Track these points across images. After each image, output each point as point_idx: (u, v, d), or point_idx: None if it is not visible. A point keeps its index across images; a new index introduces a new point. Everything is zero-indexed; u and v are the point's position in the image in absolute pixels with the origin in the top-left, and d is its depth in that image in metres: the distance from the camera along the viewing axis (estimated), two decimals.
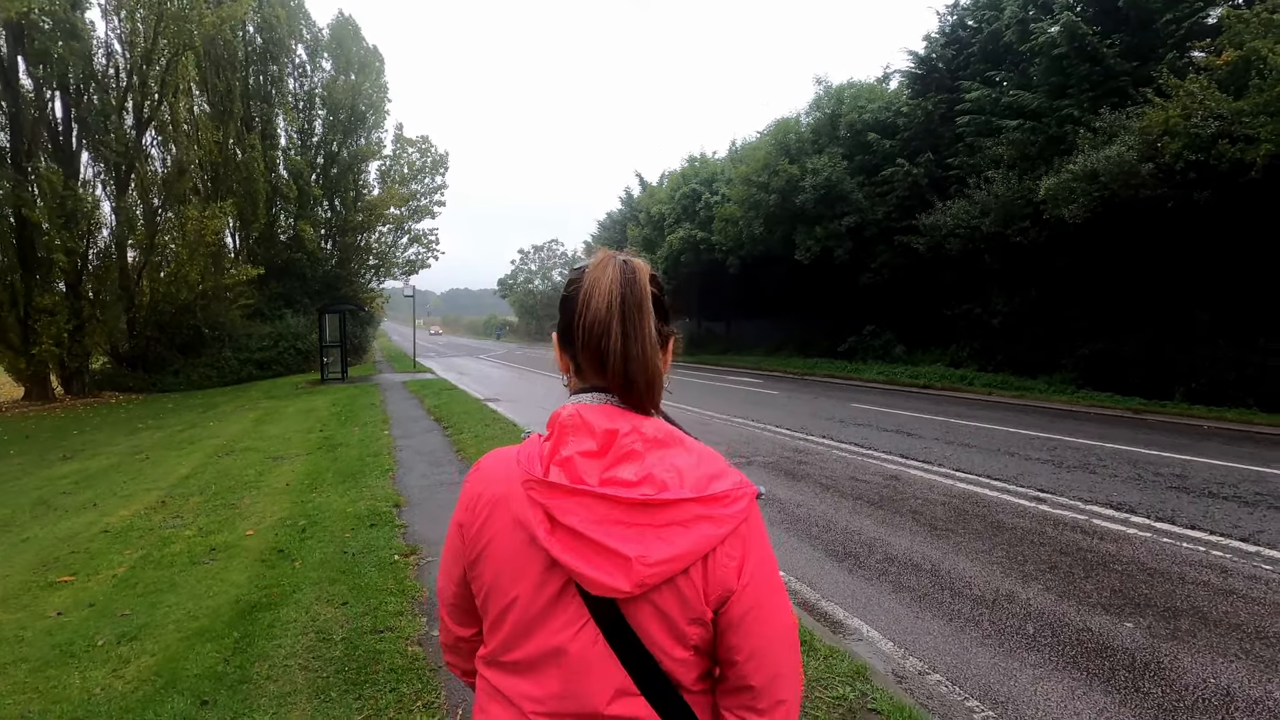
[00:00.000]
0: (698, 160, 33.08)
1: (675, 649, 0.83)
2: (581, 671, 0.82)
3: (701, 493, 0.83)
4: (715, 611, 0.84)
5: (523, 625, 0.85)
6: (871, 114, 20.39)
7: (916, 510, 5.72)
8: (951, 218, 16.32)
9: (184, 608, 3.88)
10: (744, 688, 0.86)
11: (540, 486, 0.83)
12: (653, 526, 0.80)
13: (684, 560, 0.80)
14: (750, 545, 0.85)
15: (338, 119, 32.02)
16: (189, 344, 24.15)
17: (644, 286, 0.89)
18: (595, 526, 0.80)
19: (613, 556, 0.79)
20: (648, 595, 0.80)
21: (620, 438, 0.84)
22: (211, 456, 9.04)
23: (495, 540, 0.88)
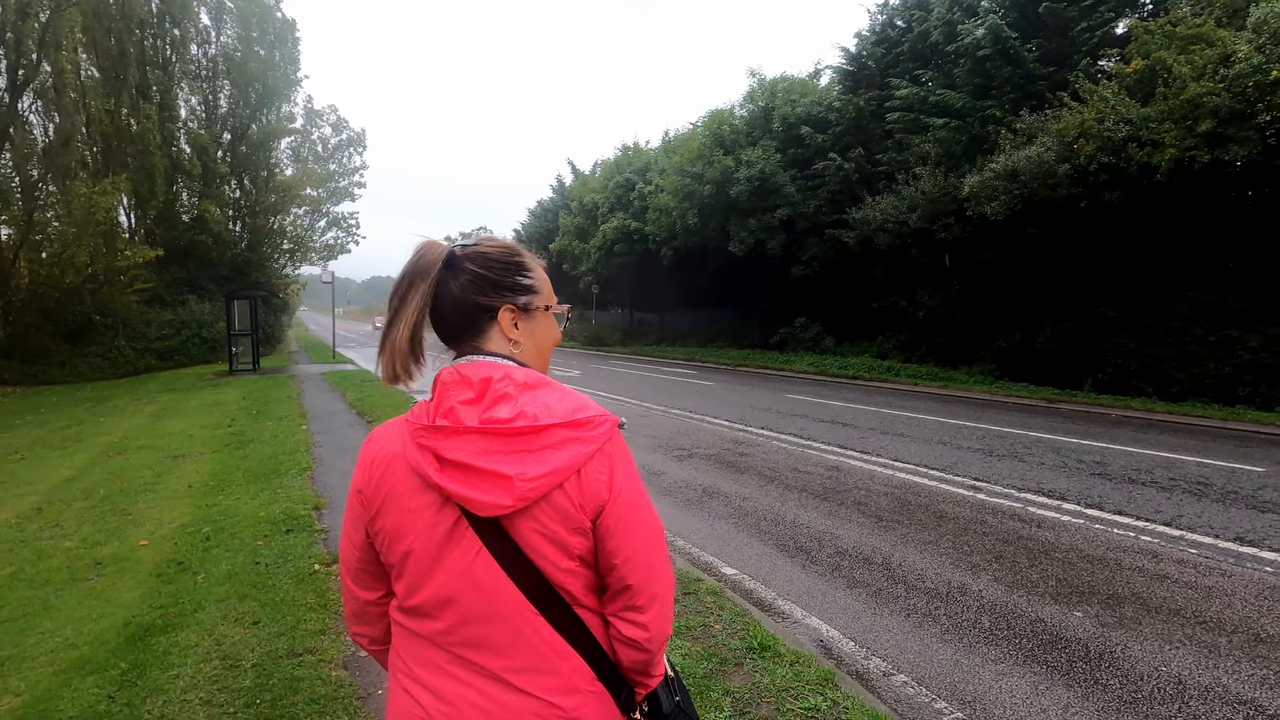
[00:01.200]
0: (631, 149, 32.81)
1: (561, 559, 0.94)
2: (479, 596, 0.93)
3: (569, 419, 0.94)
4: (593, 522, 0.94)
5: (424, 565, 0.95)
6: (804, 108, 20.66)
7: (861, 501, 5.70)
8: (880, 213, 16.72)
9: (60, 634, 3.35)
10: (624, 589, 0.97)
11: (428, 432, 0.94)
12: (529, 451, 0.91)
13: (559, 475, 0.91)
14: (616, 463, 0.96)
15: (246, 92, 29.90)
16: (77, 332, 22.04)
17: (430, 261, 1.01)
18: (479, 456, 0.90)
19: (496, 478, 0.89)
20: (530, 511, 0.91)
21: (494, 384, 0.95)
22: (100, 456, 8.15)
23: (392, 492, 0.97)
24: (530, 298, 1.06)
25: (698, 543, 4.76)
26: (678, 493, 6.05)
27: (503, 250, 1.06)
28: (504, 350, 1.03)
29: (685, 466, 7.03)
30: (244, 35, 30.17)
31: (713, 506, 5.62)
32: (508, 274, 1.05)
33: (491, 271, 1.03)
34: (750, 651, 3.00)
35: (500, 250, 1.06)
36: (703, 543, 4.76)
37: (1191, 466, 6.85)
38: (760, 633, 3.16)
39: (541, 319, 1.09)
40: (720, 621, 3.29)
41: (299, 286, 38.66)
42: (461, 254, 1.03)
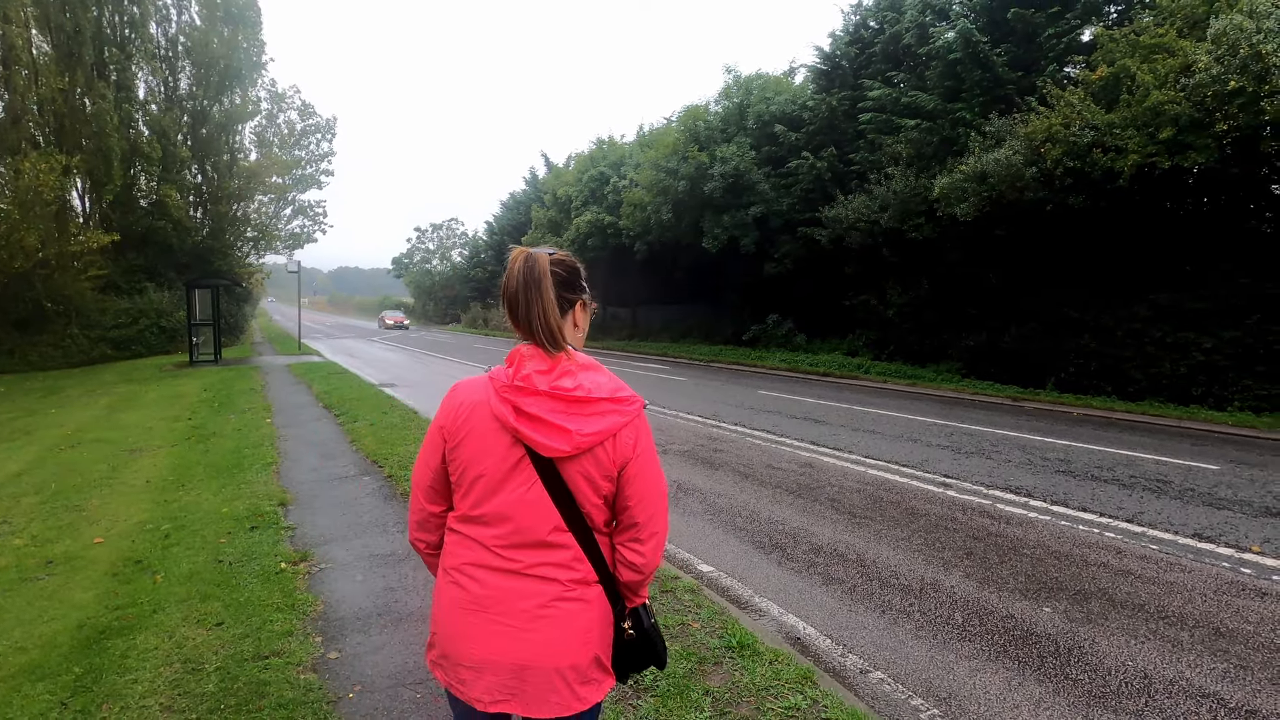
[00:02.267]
0: (606, 143, 32.64)
1: (592, 496, 1.30)
2: (530, 514, 1.29)
3: (612, 396, 1.30)
4: (619, 472, 1.31)
5: (492, 487, 1.30)
6: (779, 106, 20.75)
7: (834, 498, 5.75)
8: (853, 211, 16.89)
9: (9, 638, 3.19)
10: (632, 524, 1.34)
11: (510, 389, 1.29)
12: (583, 414, 1.27)
13: (603, 436, 1.27)
14: (640, 432, 1.33)
15: (208, 73, 28.95)
16: (26, 319, 21.18)
17: (542, 269, 1.32)
18: (548, 413, 1.26)
19: (560, 430, 1.25)
20: (578, 458, 1.27)
21: (562, 362, 1.31)
22: (52, 449, 7.83)
23: (474, 430, 1.32)
24: (586, 296, 1.45)
25: (673, 539, 4.74)
26: None
27: (572, 262, 1.42)
28: (569, 332, 1.39)
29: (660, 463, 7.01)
30: (205, 14, 29.19)
31: (688, 503, 5.61)
32: (576, 277, 1.42)
33: (568, 274, 1.39)
34: (729, 650, 2.99)
35: (571, 262, 1.42)
36: (678, 539, 4.74)
37: (1150, 464, 7.05)
38: (739, 631, 3.15)
39: (587, 313, 1.48)
40: (698, 619, 3.27)
41: (263, 276, 37.69)
42: (552, 261, 1.36)
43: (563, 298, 1.36)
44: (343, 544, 4.39)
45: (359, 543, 4.41)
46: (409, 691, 2.69)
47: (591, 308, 1.47)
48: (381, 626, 3.23)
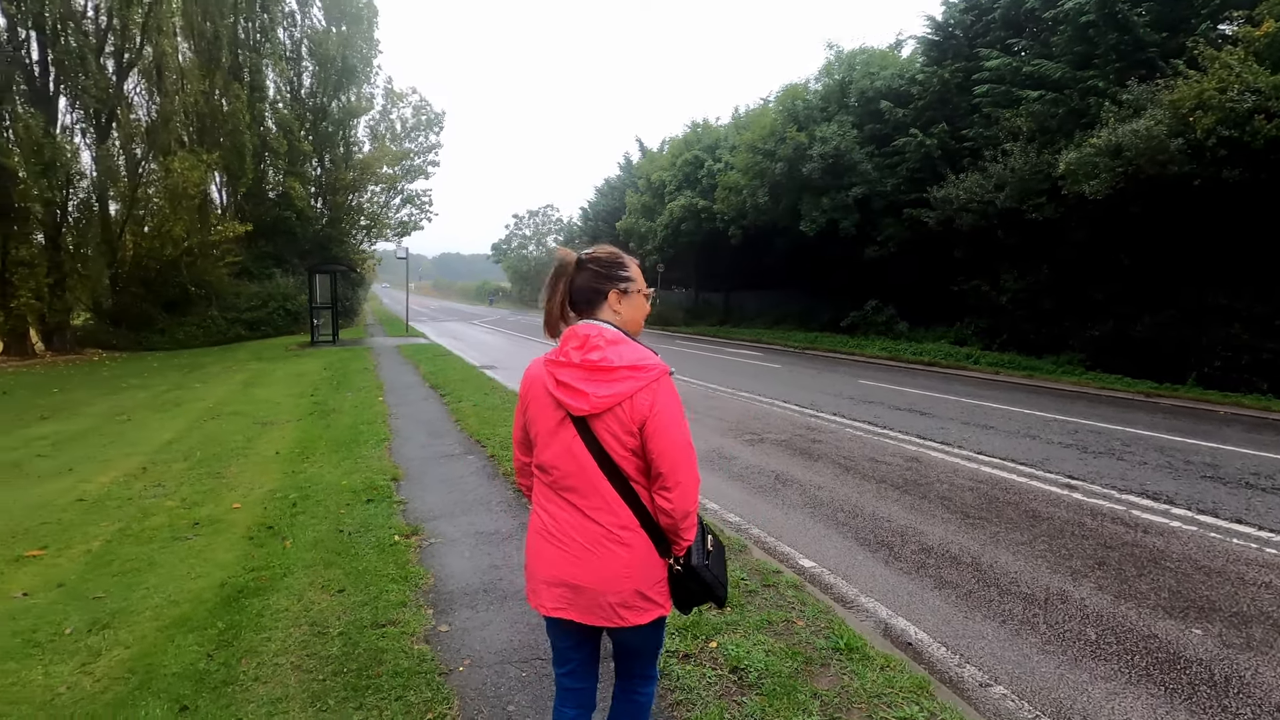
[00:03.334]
0: (700, 126, 32.20)
1: (619, 449, 1.54)
2: (571, 462, 1.58)
3: (631, 364, 1.53)
4: (640, 429, 1.52)
5: (545, 441, 1.62)
6: (884, 82, 19.72)
7: (945, 496, 5.43)
8: (965, 191, 15.85)
9: (164, 591, 3.53)
10: (658, 474, 1.54)
11: (552, 363, 1.60)
12: (602, 380, 1.53)
13: (618, 398, 1.51)
14: (658, 394, 1.53)
15: (328, 72, 30.87)
16: (175, 302, 23.50)
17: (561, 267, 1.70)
18: (575, 380, 1.54)
19: (581, 394, 1.53)
20: (602, 417, 1.53)
21: (591, 338, 1.58)
22: (197, 420, 8.64)
23: (535, 397, 1.65)
24: (627, 284, 1.70)
25: (773, 531, 4.63)
26: (750, 479, 5.92)
27: (610, 255, 1.71)
28: (609, 318, 1.67)
29: (756, 452, 6.88)
30: (326, 15, 31.10)
31: (787, 495, 5.47)
32: (612, 269, 1.69)
33: (603, 269, 1.69)
34: (836, 652, 2.87)
35: (607, 254, 1.71)
36: (778, 532, 4.63)
37: None
38: (846, 632, 3.01)
39: (635, 299, 1.72)
40: (803, 617, 3.16)
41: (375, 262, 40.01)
42: (585, 258, 1.70)
43: (593, 288, 1.66)
44: (450, 520, 4.57)
45: (465, 520, 4.58)
46: (515, 669, 2.75)
47: (644, 293, 1.72)
48: (488, 603, 3.33)
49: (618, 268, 1.68)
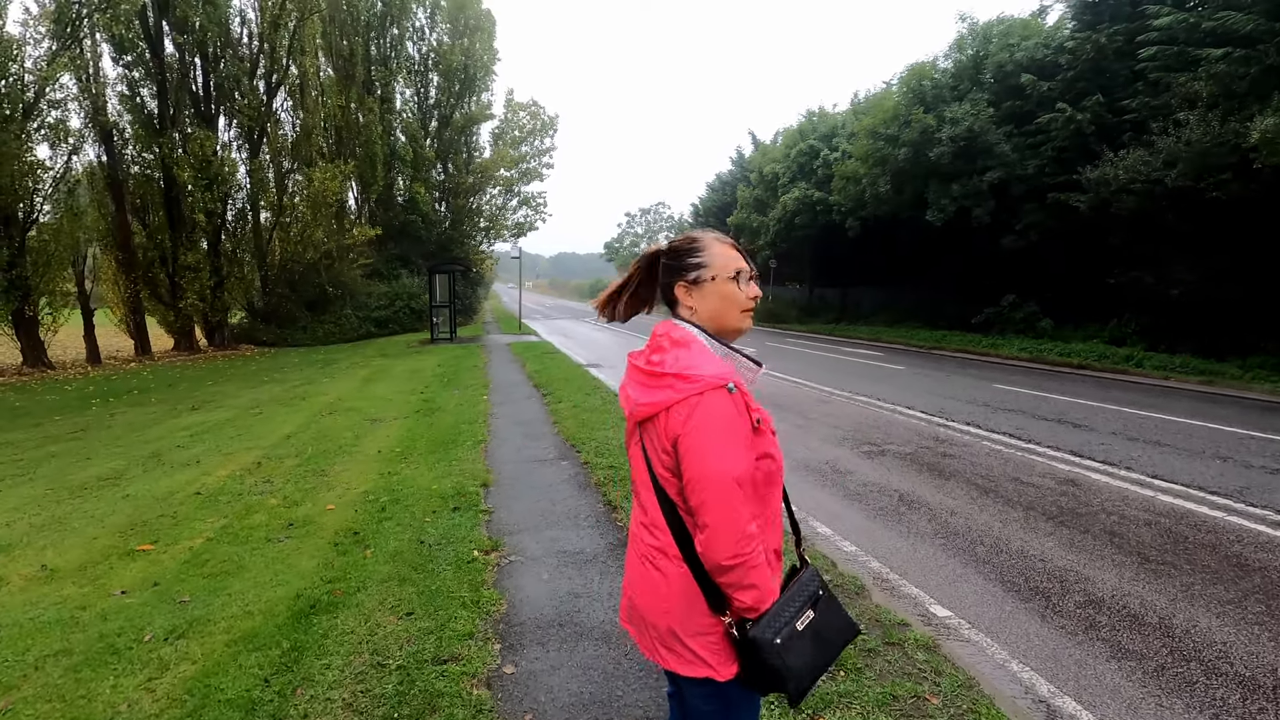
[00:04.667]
0: (815, 115, 30.75)
1: (659, 464, 1.35)
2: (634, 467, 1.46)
3: (679, 372, 1.31)
4: (674, 448, 1.31)
5: (626, 439, 1.50)
6: (1025, 53, 17.75)
7: (1114, 531, 4.50)
8: (1125, 170, 13.88)
9: (244, 598, 3.45)
10: (688, 509, 1.32)
11: (631, 366, 1.46)
12: (648, 385, 1.36)
13: (654, 408, 1.33)
14: (696, 411, 1.27)
15: (451, 82, 32.35)
16: (315, 301, 25.41)
17: (638, 262, 1.55)
18: (631, 381, 1.44)
19: (628, 397, 1.43)
20: (645, 425, 1.37)
21: (658, 337, 1.42)
22: (316, 415, 9.01)
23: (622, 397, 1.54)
24: (698, 272, 1.42)
25: (897, 567, 3.96)
26: (869, 498, 5.23)
27: (683, 240, 1.47)
28: (685, 315, 1.44)
29: (876, 466, 6.14)
30: (450, 28, 32.59)
31: (913, 521, 4.75)
32: (681, 258, 1.44)
33: (672, 259, 1.46)
34: None
35: (681, 240, 1.47)
36: (903, 567, 3.96)
37: None
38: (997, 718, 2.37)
39: (710, 288, 1.41)
40: (937, 693, 2.54)
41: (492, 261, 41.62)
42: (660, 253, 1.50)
43: (665, 284, 1.47)
44: (533, 534, 4.27)
45: (549, 535, 4.27)
46: None
47: (727, 278, 1.40)
48: (561, 640, 2.97)
49: (686, 254, 1.43)
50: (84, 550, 4.33)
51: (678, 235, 1.48)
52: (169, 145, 19.53)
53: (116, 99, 19.40)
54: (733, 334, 1.43)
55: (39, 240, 16.60)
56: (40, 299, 16.59)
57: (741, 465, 1.26)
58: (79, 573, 3.95)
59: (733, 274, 1.39)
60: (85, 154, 18.59)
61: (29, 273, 15.95)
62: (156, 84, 19.86)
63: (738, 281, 1.40)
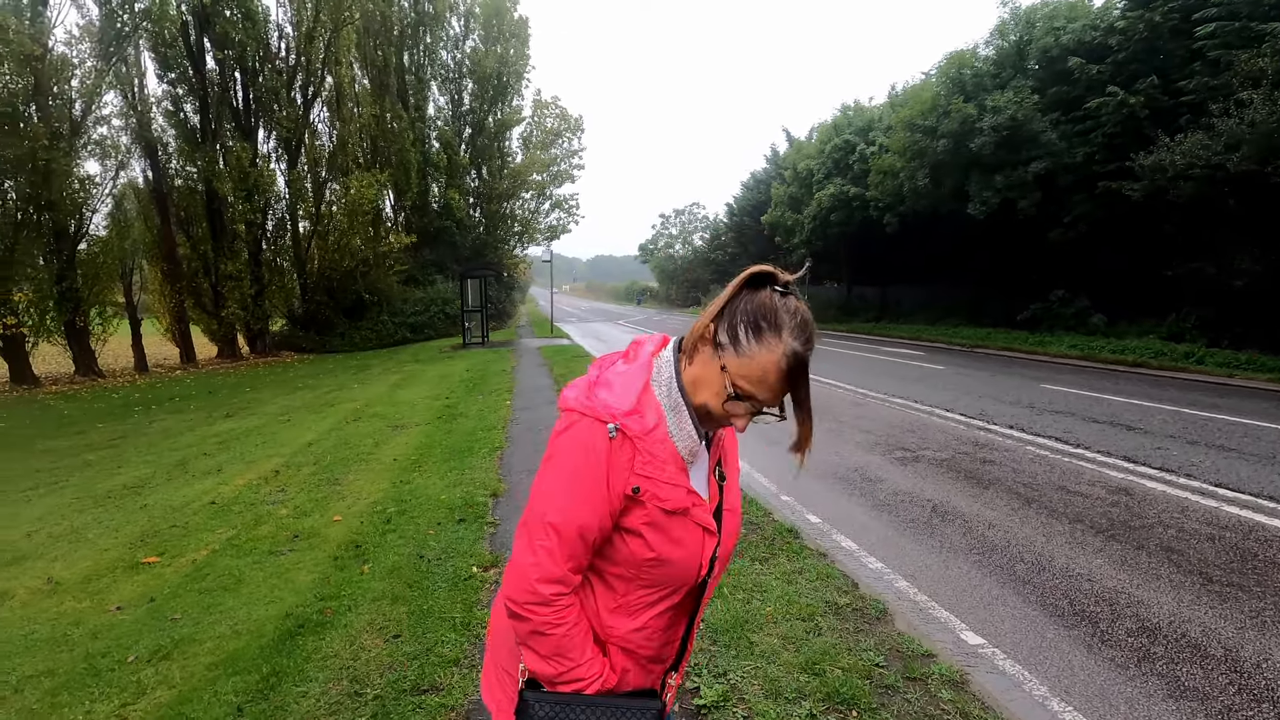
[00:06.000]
0: (851, 109, 30.03)
1: None
2: None
3: (591, 381, 1.11)
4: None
5: None
6: (1072, 35, 16.92)
7: (1171, 547, 4.09)
8: (1182, 155, 13.08)
9: (234, 616, 3.35)
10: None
11: None
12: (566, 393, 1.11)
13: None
14: (560, 437, 1.05)
15: (485, 88, 32.62)
16: (352, 308, 25.85)
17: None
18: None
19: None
20: None
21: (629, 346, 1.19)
22: (341, 422, 9.03)
23: None
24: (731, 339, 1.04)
25: (925, 586, 3.65)
26: (899, 509, 4.90)
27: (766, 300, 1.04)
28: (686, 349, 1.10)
29: (908, 473, 5.79)
30: (484, 35, 32.89)
31: (946, 534, 4.41)
32: (747, 315, 1.04)
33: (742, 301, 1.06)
34: None
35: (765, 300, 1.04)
36: (932, 588, 3.64)
37: None
38: None
39: (714, 365, 1.06)
40: None
41: (526, 265, 41.89)
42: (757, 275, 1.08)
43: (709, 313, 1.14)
44: None
45: None
46: None
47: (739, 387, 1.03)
48: None
49: (757, 315, 1.01)
50: (92, 562, 4.32)
51: (784, 274, 1.06)
52: (210, 158, 20.10)
53: (161, 114, 20.05)
54: (703, 417, 1.08)
55: (89, 253, 17.22)
56: (90, 310, 17.20)
57: (567, 515, 1.02)
58: (82, 586, 3.92)
59: (732, 392, 1.03)
60: (131, 168, 19.26)
61: (79, 284, 16.54)
62: (198, 98, 20.47)
63: (736, 398, 1.03)
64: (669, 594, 1.11)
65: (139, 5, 16.35)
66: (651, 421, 1.04)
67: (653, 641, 1.14)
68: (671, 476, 1.04)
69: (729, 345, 1.02)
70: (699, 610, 1.18)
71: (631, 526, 1.05)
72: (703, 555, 1.10)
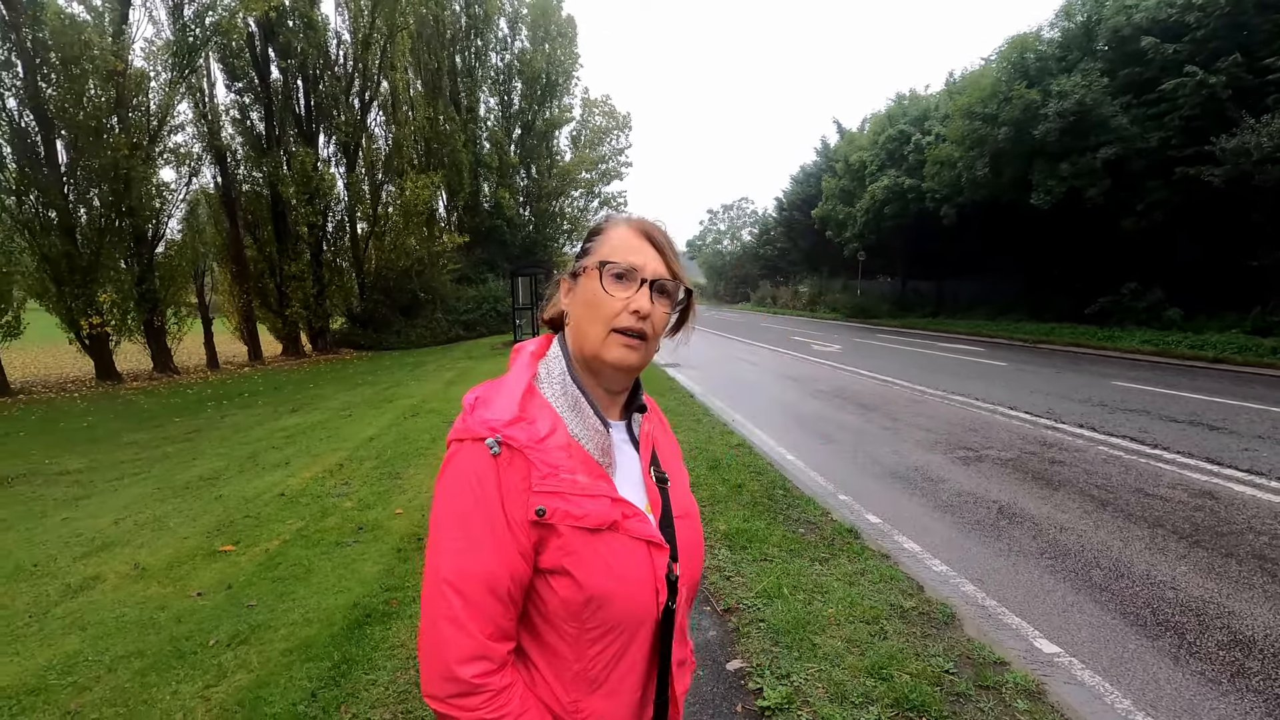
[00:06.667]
0: (906, 98, 29.25)
1: None
2: None
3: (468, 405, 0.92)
4: None
5: None
6: (1145, 14, 16.05)
7: (1265, 555, 3.84)
8: (1269, 137, 12.30)
9: (306, 604, 3.47)
10: None
11: None
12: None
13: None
14: (442, 473, 0.89)
15: (533, 89, 33.04)
16: (408, 306, 26.57)
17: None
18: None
19: None
20: None
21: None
22: (400, 418, 9.28)
23: None
24: (582, 260, 0.97)
25: (995, 592, 3.52)
26: (963, 510, 4.74)
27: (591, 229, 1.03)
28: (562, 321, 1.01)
29: (972, 473, 5.60)
30: (533, 36, 33.31)
31: (1014, 536, 4.25)
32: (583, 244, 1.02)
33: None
34: None
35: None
36: (1002, 592, 3.51)
37: None
38: None
39: (583, 281, 0.95)
40: None
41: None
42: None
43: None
44: None
45: None
46: None
47: (599, 269, 0.92)
48: None
49: (585, 241, 1.02)
50: (174, 550, 4.54)
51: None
52: (275, 163, 20.93)
53: (229, 122, 20.96)
54: (607, 368, 0.94)
55: (165, 256, 18.15)
56: (167, 310, 18.13)
57: (464, 568, 0.84)
58: (165, 572, 4.13)
59: (598, 265, 0.92)
60: (202, 175, 20.20)
61: (157, 286, 17.46)
62: (263, 106, 21.31)
63: (606, 277, 0.91)
64: (631, 641, 0.91)
65: (209, 19, 17.12)
66: (545, 427, 0.89)
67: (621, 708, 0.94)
68: (586, 487, 0.88)
69: (579, 260, 0.98)
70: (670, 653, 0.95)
71: (552, 565, 0.87)
72: (655, 576, 0.91)
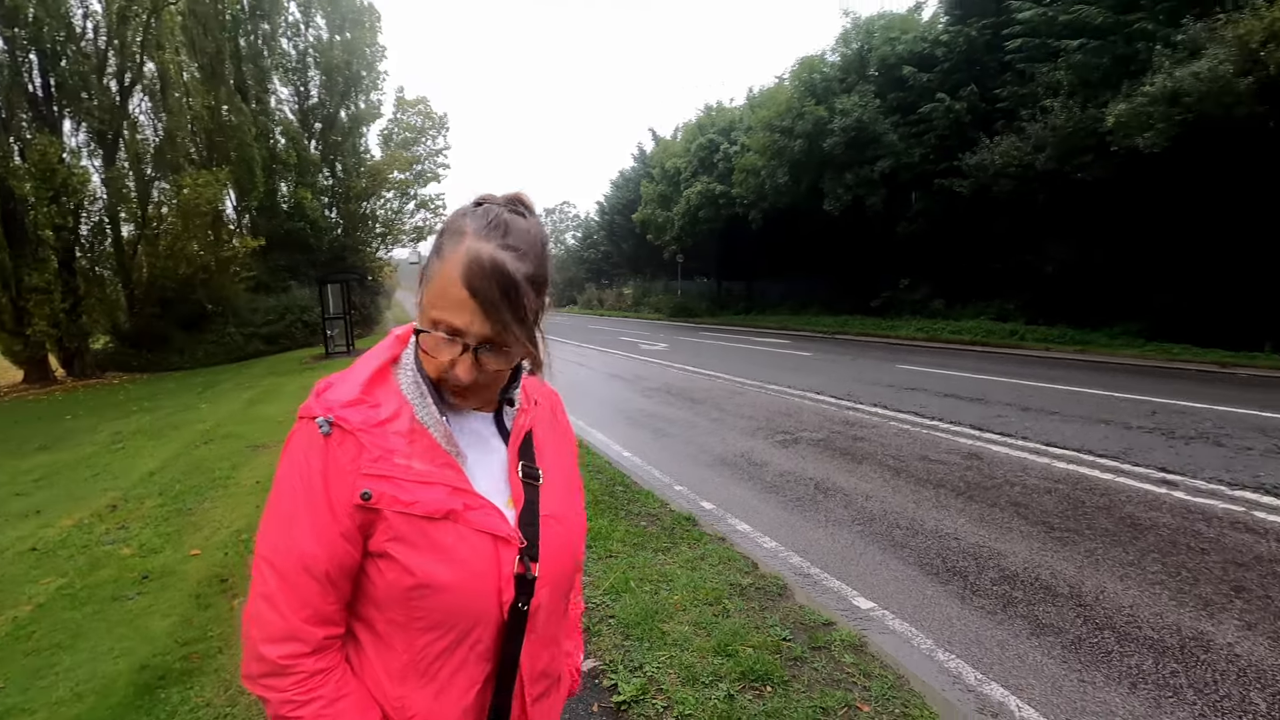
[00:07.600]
0: (714, 109, 31.21)
1: None
2: None
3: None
4: None
5: None
6: (906, 46, 18.60)
7: (1018, 502, 4.59)
8: (1000, 155, 14.77)
9: (74, 676, 2.89)
10: None
11: None
12: None
13: None
14: (283, 451, 0.87)
15: (334, 80, 30.57)
16: (192, 320, 23.32)
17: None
18: None
19: None
20: None
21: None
22: (189, 446, 8.11)
23: None
24: (424, 277, 0.88)
25: (818, 560, 3.85)
26: (785, 489, 5.13)
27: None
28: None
29: (790, 455, 6.09)
30: (329, 23, 30.78)
31: (829, 508, 4.68)
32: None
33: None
34: None
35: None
36: (824, 560, 3.85)
37: None
38: None
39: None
40: (869, 699, 2.39)
41: (391, 269, 39.84)
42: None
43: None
44: None
45: None
46: None
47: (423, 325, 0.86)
48: None
49: (441, 234, 0.88)
50: None
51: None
52: (4, 152, 17.32)
53: None
54: (449, 386, 0.89)
55: None
56: None
57: (280, 546, 0.82)
58: None
59: (417, 321, 0.88)
60: None
61: None
62: None
63: (425, 338, 0.86)
64: (464, 636, 0.85)
65: None
66: (388, 411, 0.85)
67: (463, 717, 0.87)
68: (422, 474, 0.84)
69: (421, 277, 0.87)
70: (518, 661, 0.88)
71: (378, 549, 0.83)
72: (498, 573, 0.85)
